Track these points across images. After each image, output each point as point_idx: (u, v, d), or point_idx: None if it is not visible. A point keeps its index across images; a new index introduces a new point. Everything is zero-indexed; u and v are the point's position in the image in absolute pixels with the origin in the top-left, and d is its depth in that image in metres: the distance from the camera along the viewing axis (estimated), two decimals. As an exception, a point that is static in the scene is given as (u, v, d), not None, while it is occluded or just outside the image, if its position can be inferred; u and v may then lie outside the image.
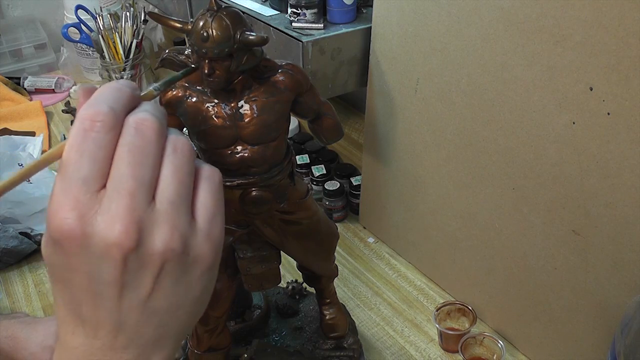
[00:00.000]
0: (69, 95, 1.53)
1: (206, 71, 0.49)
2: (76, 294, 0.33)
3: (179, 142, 0.34)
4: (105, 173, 0.31)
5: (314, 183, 1.08)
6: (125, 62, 1.38)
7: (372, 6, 0.85)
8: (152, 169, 0.32)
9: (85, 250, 0.31)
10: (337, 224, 0.78)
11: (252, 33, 0.49)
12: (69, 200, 0.31)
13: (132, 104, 0.34)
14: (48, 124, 1.40)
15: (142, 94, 0.37)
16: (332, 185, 1.03)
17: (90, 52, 1.52)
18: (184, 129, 0.58)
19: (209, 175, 0.35)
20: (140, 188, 0.31)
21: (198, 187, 0.35)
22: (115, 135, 0.32)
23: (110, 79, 1.40)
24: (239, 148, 0.54)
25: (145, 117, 0.33)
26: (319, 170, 1.08)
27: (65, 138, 1.40)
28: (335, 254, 0.71)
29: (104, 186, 0.31)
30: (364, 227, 1.05)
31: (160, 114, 0.34)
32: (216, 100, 0.53)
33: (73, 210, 0.30)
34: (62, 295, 0.34)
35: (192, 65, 0.51)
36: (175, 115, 0.56)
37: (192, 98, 0.53)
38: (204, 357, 0.68)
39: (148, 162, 0.32)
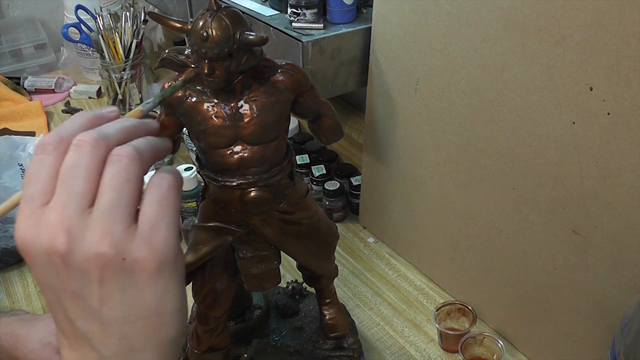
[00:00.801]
0: (69, 95, 1.53)
1: (206, 71, 0.49)
2: (52, 306, 0.36)
3: (122, 152, 0.35)
4: (51, 190, 0.34)
5: (314, 183, 1.08)
6: (125, 62, 1.38)
7: (372, 6, 0.85)
8: (87, 180, 0.34)
9: (35, 261, 0.34)
10: (337, 224, 0.78)
11: (251, 33, 0.49)
12: (21, 217, 0.34)
13: (91, 126, 0.36)
14: (48, 124, 1.40)
15: (128, 113, 0.40)
16: (332, 185, 1.03)
17: (90, 52, 1.52)
18: (184, 129, 0.58)
19: (156, 182, 0.36)
20: (72, 199, 0.33)
21: (145, 195, 0.36)
22: (60, 155, 0.35)
23: (110, 78, 1.40)
24: (239, 148, 0.54)
25: (85, 134, 0.35)
26: (319, 170, 1.08)
27: (65, 138, 1.39)
28: (335, 254, 0.71)
29: (48, 202, 0.34)
30: (364, 227, 1.05)
31: (115, 131, 0.36)
32: (216, 100, 0.53)
33: (23, 224, 0.34)
34: (50, 309, 0.36)
35: (179, 81, 0.51)
36: (175, 115, 0.56)
37: (192, 98, 0.53)
38: (204, 357, 0.68)
39: (82, 174, 0.34)
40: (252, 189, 0.55)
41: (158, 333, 0.36)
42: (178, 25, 0.52)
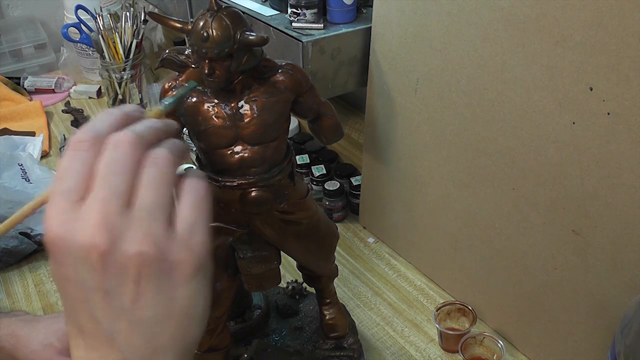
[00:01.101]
0: (69, 95, 1.53)
1: (206, 71, 0.49)
2: (73, 304, 0.35)
3: (159, 154, 0.36)
4: (86, 186, 0.34)
5: (314, 183, 1.08)
6: (125, 62, 1.38)
7: (372, 6, 0.85)
8: (127, 179, 0.34)
9: (69, 256, 0.33)
10: (337, 224, 0.78)
11: (252, 33, 0.49)
12: (54, 211, 0.34)
13: (122, 124, 0.36)
14: (48, 124, 1.40)
15: (149, 111, 0.40)
16: (332, 185, 1.03)
17: (90, 52, 1.52)
18: (184, 129, 0.58)
19: (193, 187, 0.37)
20: (113, 196, 0.33)
21: (180, 198, 0.36)
22: (95, 152, 0.35)
23: (110, 78, 1.40)
24: (239, 148, 0.54)
25: (125, 133, 0.35)
26: (319, 170, 1.08)
27: (65, 138, 1.40)
28: (335, 254, 0.71)
29: (84, 197, 0.34)
30: (364, 227, 1.05)
31: (148, 131, 0.37)
32: (216, 101, 0.53)
33: (56, 219, 0.33)
34: (65, 307, 0.36)
35: (191, 82, 0.52)
36: (175, 115, 0.56)
37: (192, 98, 0.53)
38: (204, 357, 0.68)
39: (123, 172, 0.34)
40: (253, 189, 0.55)
41: (184, 335, 0.37)
42: (178, 25, 0.52)
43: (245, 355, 0.72)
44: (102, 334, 0.34)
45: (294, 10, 0.86)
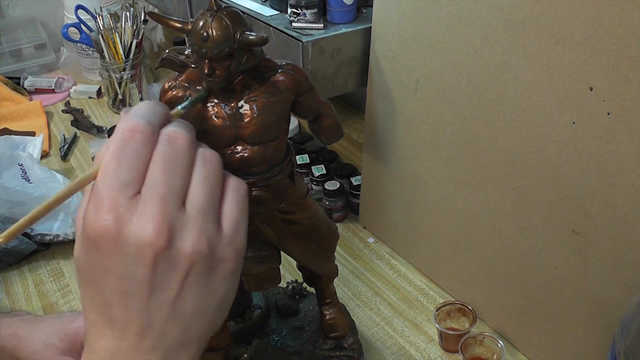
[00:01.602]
0: (69, 95, 1.53)
1: (206, 71, 0.49)
2: (107, 295, 0.35)
3: (207, 155, 0.37)
4: (140, 180, 0.34)
5: (314, 183, 1.08)
6: (125, 62, 1.38)
7: (372, 6, 0.85)
8: (183, 177, 0.35)
9: (119, 250, 0.33)
10: (337, 224, 0.78)
11: (252, 33, 0.49)
12: (107, 203, 0.33)
13: (166, 120, 0.37)
14: (48, 124, 1.40)
15: (172, 112, 0.40)
16: (332, 185, 1.03)
17: (90, 52, 1.52)
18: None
19: (236, 186, 0.38)
20: (171, 194, 0.34)
21: (225, 197, 0.37)
22: (151, 146, 0.35)
23: (110, 78, 1.40)
24: (239, 148, 0.54)
25: (177, 130, 0.36)
26: (319, 170, 1.08)
27: (65, 138, 1.39)
28: (335, 254, 0.71)
29: (139, 192, 0.34)
30: (364, 227, 1.05)
31: (190, 129, 0.37)
32: (216, 100, 0.53)
33: (111, 212, 0.33)
34: (92, 297, 0.35)
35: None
36: (175, 115, 0.56)
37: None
38: (204, 357, 0.67)
39: (179, 171, 0.35)
40: (253, 189, 0.55)
41: (212, 326, 0.38)
42: (178, 25, 0.52)
43: (245, 355, 0.72)
44: (136, 325, 0.35)
45: (294, 10, 0.86)
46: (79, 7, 1.44)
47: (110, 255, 0.33)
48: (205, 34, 0.48)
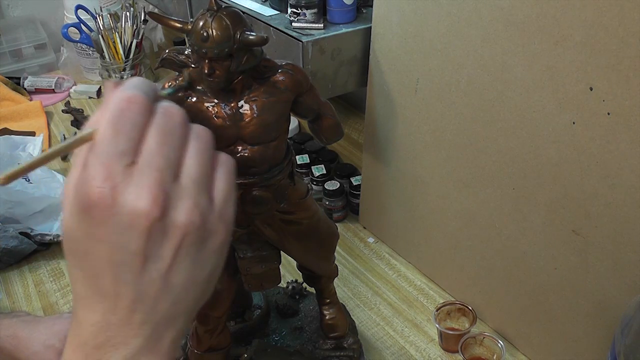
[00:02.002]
0: (69, 95, 1.53)
1: (206, 71, 0.49)
2: (98, 266, 0.34)
3: (200, 130, 0.37)
4: (136, 150, 0.34)
5: (314, 183, 1.08)
6: (125, 62, 1.38)
7: (372, 6, 0.85)
8: (178, 150, 0.35)
9: (114, 219, 0.33)
10: (337, 224, 0.78)
11: (252, 33, 0.49)
12: (103, 172, 0.33)
13: (157, 97, 0.37)
14: (48, 124, 1.40)
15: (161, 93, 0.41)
16: (332, 185, 1.03)
17: (90, 52, 1.52)
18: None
19: (225, 161, 0.39)
20: (167, 165, 0.34)
21: (215, 171, 0.38)
22: (148, 117, 0.35)
23: (110, 78, 1.40)
24: (239, 148, 0.54)
25: (172, 105, 0.37)
26: (319, 170, 1.08)
27: (65, 138, 1.40)
28: (335, 254, 0.71)
29: (135, 162, 0.34)
30: (364, 227, 1.05)
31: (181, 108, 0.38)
32: (216, 100, 0.53)
33: (106, 180, 0.33)
34: (82, 268, 0.35)
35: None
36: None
37: (192, 98, 0.53)
38: (204, 357, 0.68)
39: (174, 143, 0.35)
40: (253, 189, 0.55)
41: (200, 300, 0.38)
42: (178, 25, 0.52)
43: (245, 355, 0.72)
44: (127, 298, 0.34)
45: (294, 10, 0.86)
46: (79, 7, 1.44)
47: (104, 224, 0.33)
48: (205, 34, 0.48)
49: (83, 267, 0.35)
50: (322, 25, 0.86)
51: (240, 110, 0.53)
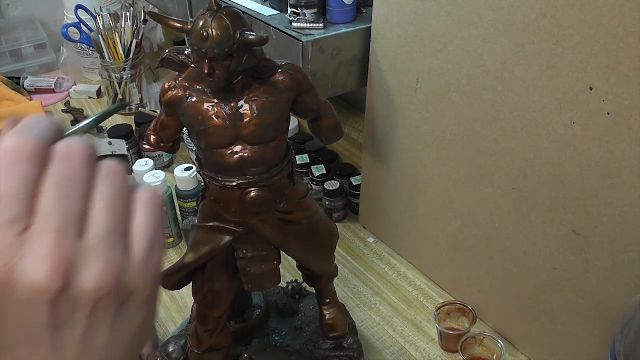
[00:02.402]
0: (69, 95, 1.53)
1: (206, 71, 0.49)
2: (10, 338, 0.31)
3: (111, 167, 0.31)
4: (31, 210, 0.29)
5: (314, 183, 1.08)
6: (125, 62, 1.38)
7: (372, 6, 0.85)
8: (82, 199, 0.30)
9: (13, 296, 0.29)
10: (337, 224, 0.78)
11: (252, 33, 0.49)
12: None
13: (58, 136, 0.31)
14: (48, 124, 1.40)
15: (69, 132, 0.34)
16: (332, 185, 1.03)
17: (90, 52, 1.52)
18: (184, 128, 0.58)
19: (149, 199, 0.33)
20: (68, 223, 0.29)
21: (136, 214, 0.32)
22: (41, 167, 0.29)
23: (110, 78, 1.40)
24: (239, 148, 0.54)
25: (72, 144, 0.30)
26: (319, 170, 1.08)
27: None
28: (335, 254, 0.71)
29: (29, 226, 0.29)
30: (364, 227, 1.05)
31: (88, 142, 0.32)
32: (216, 100, 0.53)
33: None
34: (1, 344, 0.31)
35: (123, 102, 0.50)
36: (175, 115, 0.56)
37: (192, 98, 0.53)
38: (204, 357, 0.68)
39: (77, 192, 0.30)
40: (253, 189, 0.55)
41: (132, 354, 0.34)
42: (178, 25, 0.52)
43: (245, 355, 0.72)
44: None
45: (294, 10, 0.86)
46: (79, 7, 1.44)
47: (4, 302, 0.29)
48: (205, 34, 0.48)
49: (2, 345, 0.31)
50: (322, 25, 0.86)
51: (240, 110, 0.53)
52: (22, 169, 0.28)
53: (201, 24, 0.48)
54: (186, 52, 0.53)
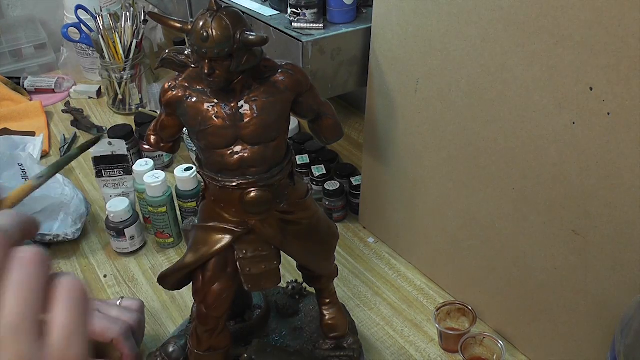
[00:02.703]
0: (69, 95, 1.53)
1: (206, 71, 0.49)
2: None
3: (26, 253, 0.31)
4: None
5: (314, 183, 1.08)
6: (125, 62, 1.38)
7: (372, 6, 0.85)
8: None
9: None
10: (337, 224, 0.78)
11: (252, 33, 0.49)
12: None
13: None
14: (48, 124, 1.40)
15: (17, 189, 0.35)
16: (332, 185, 1.03)
17: (90, 52, 1.52)
18: (184, 128, 0.58)
19: (68, 288, 0.32)
20: None
21: (54, 302, 0.31)
22: None
23: (110, 78, 1.40)
24: (239, 148, 0.54)
25: None
26: (319, 170, 1.08)
27: (65, 138, 1.39)
28: (335, 254, 0.71)
29: None
30: (364, 227, 1.05)
31: (13, 225, 0.32)
32: (216, 100, 0.53)
33: None
34: None
35: (96, 138, 0.49)
36: (175, 115, 0.56)
37: (192, 98, 0.53)
38: (204, 357, 0.68)
39: None
40: (253, 189, 0.55)
41: None
42: (178, 25, 0.52)
43: (245, 355, 0.72)
44: None
45: (294, 10, 0.86)
46: (79, 7, 1.44)
47: None
48: (205, 34, 0.48)
49: None
50: (322, 25, 0.86)
51: (240, 110, 0.53)
52: None
53: (201, 24, 0.48)
54: (186, 52, 0.53)
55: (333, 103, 0.62)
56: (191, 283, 0.64)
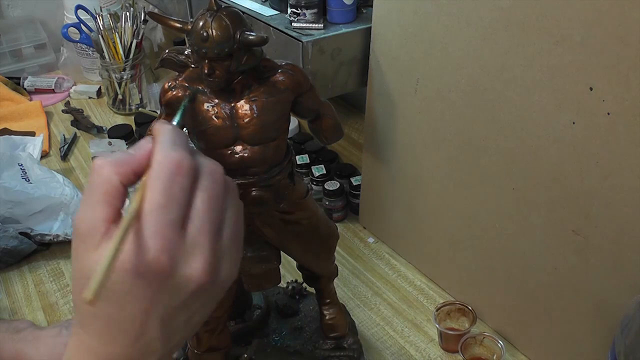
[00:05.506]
0: (69, 95, 1.53)
1: (206, 71, 0.49)
2: (133, 313, 0.35)
3: (234, 187, 0.40)
4: (186, 215, 0.35)
5: (314, 183, 1.08)
6: (125, 62, 1.38)
7: (372, 6, 0.85)
8: (221, 212, 0.37)
9: (167, 284, 0.35)
10: (337, 224, 0.78)
11: (252, 33, 0.49)
12: (159, 241, 0.34)
13: (193, 150, 0.38)
14: (48, 124, 1.40)
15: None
16: (332, 185, 1.03)
17: (90, 52, 1.52)
18: (184, 128, 0.58)
19: (237, 202, 0.40)
20: (216, 230, 0.36)
21: (225, 218, 0.38)
22: (193, 180, 0.36)
23: (110, 79, 1.40)
24: (239, 148, 0.54)
25: (214, 166, 0.38)
26: (319, 170, 1.08)
27: (65, 138, 1.39)
28: (335, 254, 0.71)
29: (184, 227, 0.35)
30: (364, 227, 1.05)
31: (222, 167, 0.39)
32: (216, 100, 0.53)
33: (164, 250, 0.34)
34: (111, 313, 0.35)
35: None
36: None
37: (192, 98, 0.53)
38: (204, 357, 0.68)
39: (220, 207, 0.37)
40: (253, 189, 0.55)
41: (190, 335, 0.42)
42: (178, 25, 0.52)
43: (245, 355, 0.72)
44: (152, 337, 0.36)
45: (294, 10, 0.86)
46: (79, 7, 1.44)
47: (155, 287, 0.34)
48: (205, 34, 0.48)
49: (113, 313, 0.35)
50: (322, 25, 0.86)
51: (240, 111, 0.53)
52: (182, 179, 0.35)
53: (201, 24, 0.48)
54: (186, 52, 0.53)
55: (333, 103, 0.62)
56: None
